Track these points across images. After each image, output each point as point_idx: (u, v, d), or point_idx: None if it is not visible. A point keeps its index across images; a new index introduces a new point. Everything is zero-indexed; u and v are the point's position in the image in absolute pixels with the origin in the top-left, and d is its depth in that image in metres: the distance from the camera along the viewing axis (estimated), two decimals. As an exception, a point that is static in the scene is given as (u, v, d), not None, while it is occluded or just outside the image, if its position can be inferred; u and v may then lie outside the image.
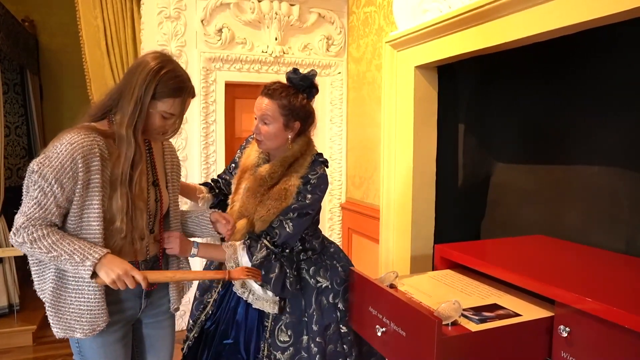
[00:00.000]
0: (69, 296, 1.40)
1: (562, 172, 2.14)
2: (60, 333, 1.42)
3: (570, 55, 2.02)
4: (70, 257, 1.34)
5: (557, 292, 1.40)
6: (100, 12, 3.34)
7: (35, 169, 1.33)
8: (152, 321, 1.65)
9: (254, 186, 1.77)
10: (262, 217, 1.73)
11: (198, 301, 1.99)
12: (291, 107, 1.75)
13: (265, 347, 1.81)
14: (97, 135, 1.40)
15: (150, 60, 1.44)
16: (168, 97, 1.42)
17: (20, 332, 3.24)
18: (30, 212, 1.33)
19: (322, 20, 3.68)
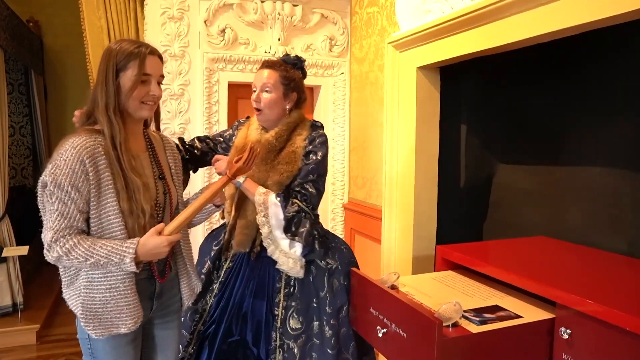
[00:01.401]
0: (104, 297, 1.42)
1: (564, 173, 2.13)
2: (104, 332, 1.43)
3: (573, 55, 2.02)
4: (108, 259, 1.38)
5: (558, 294, 1.40)
6: (104, 12, 3.35)
7: (49, 180, 1.34)
8: (161, 321, 1.66)
9: (263, 153, 1.84)
10: (276, 181, 1.81)
11: (192, 310, 1.97)
12: (290, 79, 1.89)
13: (277, 336, 1.83)
14: (97, 135, 1.42)
15: (108, 45, 1.51)
16: (129, 61, 1.44)
17: (24, 331, 3.27)
18: (56, 225, 1.35)
19: (325, 20, 3.68)
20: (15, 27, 3.94)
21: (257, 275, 1.90)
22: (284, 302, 1.83)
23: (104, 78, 1.43)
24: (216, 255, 2.00)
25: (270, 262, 1.87)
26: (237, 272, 1.93)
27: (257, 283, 1.89)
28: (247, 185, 1.82)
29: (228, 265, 1.96)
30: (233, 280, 1.93)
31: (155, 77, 1.51)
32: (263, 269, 1.90)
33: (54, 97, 5.27)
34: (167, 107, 3.32)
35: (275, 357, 1.81)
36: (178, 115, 3.36)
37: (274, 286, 1.87)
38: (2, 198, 3.36)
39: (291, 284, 1.86)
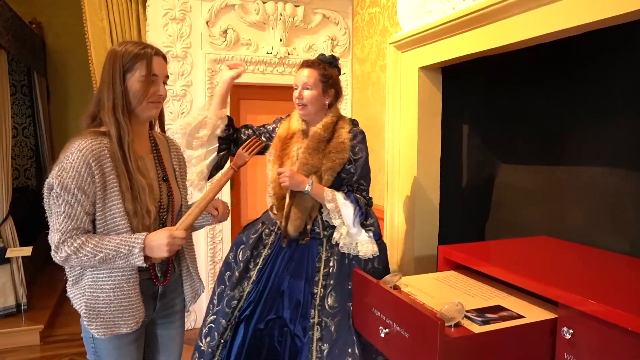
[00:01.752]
0: (108, 296, 1.43)
1: (566, 173, 2.13)
2: (106, 332, 1.45)
3: (574, 56, 2.02)
4: (117, 252, 1.38)
5: (560, 294, 1.40)
6: (106, 13, 3.37)
7: (55, 183, 1.35)
8: (164, 322, 1.67)
9: (314, 144, 2.01)
10: (329, 167, 1.99)
11: (229, 297, 2.04)
12: (328, 76, 2.06)
13: (316, 314, 1.94)
14: (103, 137, 1.42)
15: (112, 47, 1.52)
16: (136, 63, 1.46)
17: (27, 332, 3.28)
18: (63, 227, 1.36)
19: (326, 21, 3.69)
20: (18, 28, 3.96)
21: (297, 257, 2.03)
22: (323, 281, 1.96)
23: (110, 80, 1.44)
24: (254, 243, 2.09)
25: (308, 244, 2.03)
26: (275, 257, 2.05)
27: (296, 264, 2.02)
28: (316, 186, 1.98)
29: (267, 253, 2.07)
30: (271, 264, 2.04)
31: (161, 78, 1.53)
32: (302, 251, 2.03)
33: (57, 98, 5.28)
34: (170, 107, 3.33)
35: (313, 333, 1.93)
36: (180, 116, 3.37)
37: (314, 266, 2.00)
38: (5, 199, 3.37)
39: (330, 265, 1.99)
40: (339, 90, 2.12)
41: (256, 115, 3.74)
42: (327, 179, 2.00)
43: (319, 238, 2.02)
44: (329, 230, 2.01)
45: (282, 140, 2.07)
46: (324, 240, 2.01)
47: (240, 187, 3.77)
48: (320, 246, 2.01)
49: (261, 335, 1.99)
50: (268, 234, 2.08)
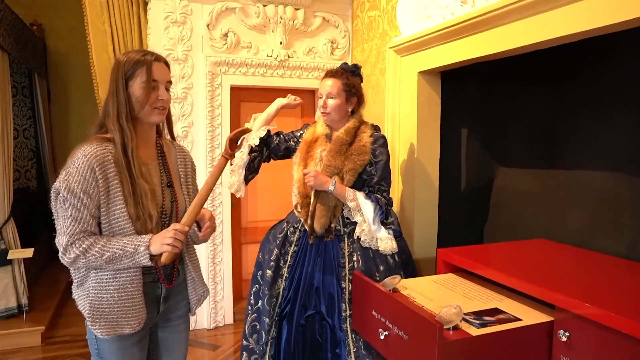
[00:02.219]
0: (112, 297, 1.47)
1: (565, 176, 2.15)
2: (109, 332, 1.47)
3: (573, 60, 2.03)
4: (123, 251, 1.43)
5: (557, 297, 1.42)
6: (108, 17, 3.38)
7: (62, 187, 1.40)
8: (169, 325, 1.69)
9: (336, 147, 2.15)
10: (351, 169, 2.12)
11: (268, 296, 2.18)
12: (350, 85, 2.18)
13: (347, 307, 2.06)
14: (108, 143, 1.47)
15: (118, 56, 1.56)
16: (136, 69, 1.49)
17: (29, 333, 3.29)
18: (70, 230, 1.41)
19: (326, 24, 3.71)
20: (19, 30, 3.97)
21: (323, 253, 2.14)
22: (349, 275, 2.08)
23: (114, 89, 1.50)
24: (281, 242, 2.22)
25: (332, 241, 2.16)
26: (303, 254, 2.17)
27: (324, 260, 2.13)
28: (339, 186, 2.11)
29: (294, 250, 2.19)
30: (301, 261, 2.16)
31: (162, 83, 1.55)
32: (327, 248, 2.14)
33: (57, 100, 5.30)
34: (171, 110, 3.35)
35: (347, 325, 2.05)
36: (181, 118, 3.39)
37: (339, 262, 2.12)
38: (7, 201, 3.39)
39: (354, 259, 2.10)
40: (360, 98, 2.23)
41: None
42: (349, 179, 2.12)
43: (340, 235, 2.14)
44: (350, 227, 2.14)
45: (307, 144, 2.23)
46: (345, 236, 2.14)
47: (241, 189, 3.79)
48: (342, 242, 2.14)
49: (303, 330, 2.13)
50: (293, 231, 2.21)
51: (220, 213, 3.54)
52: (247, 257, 3.89)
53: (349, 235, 2.14)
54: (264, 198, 3.87)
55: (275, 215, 3.61)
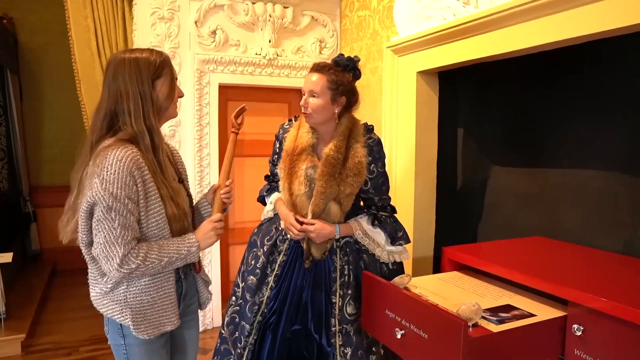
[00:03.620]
0: (152, 299, 1.48)
1: (560, 176, 2.20)
2: (154, 332, 1.48)
3: (569, 61, 2.09)
4: (178, 254, 1.47)
5: (571, 293, 1.45)
6: (91, 11, 3.27)
7: (105, 196, 1.34)
8: (185, 320, 1.69)
9: (328, 169, 1.86)
10: (348, 194, 1.90)
11: (250, 303, 2.04)
12: (338, 82, 1.87)
13: (336, 322, 1.93)
14: (131, 146, 1.42)
15: (122, 56, 1.48)
16: (163, 69, 1.50)
17: (8, 342, 3.13)
18: (124, 239, 1.37)
19: (315, 23, 3.70)
20: (-10, 24, 3.80)
21: (314, 268, 1.98)
22: (340, 291, 1.94)
23: (137, 89, 1.43)
24: (269, 250, 2.05)
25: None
26: (292, 266, 2.01)
27: (314, 275, 1.98)
28: (344, 230, 1.95)
29: (282, 259, 2.02)
30: (290, 273, 2.00)
31: None
32: (318, 262, 1.98)
33: (30, 97, 5.08)
34: (158, 109, 3.27)
35: (336, 341, 1.93)
36: (169, 117, 3.31)
37: (330, 276, 1.97)
38: (-18, 203, 3.24)
39: (345, 273, 1.96)
40: (352, 98, 1.94)
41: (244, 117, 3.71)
42: (347, 204, 1.92)
43: (332, 249, 1.98)
44: (342, 241, 1.98)
45: (289, 155, 1.94)
46: (337, 250, 1.98)
47: (228, 189, 3.73)
48: (334, 256, 1.97)
49: (289, 343, 2.01)
50: (282, 240, 2.04)
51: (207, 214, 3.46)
52: (234, 259, 3.83)
53: (341, 249, 1.98)
54: (251, 198, 3.82)
55: (263, 216, 3.59)
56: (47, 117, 5.16)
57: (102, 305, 1.49)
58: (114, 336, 1.52)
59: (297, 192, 1.91)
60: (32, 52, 5.05)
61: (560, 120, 2.18)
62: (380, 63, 3.08)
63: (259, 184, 3.71)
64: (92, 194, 1.35)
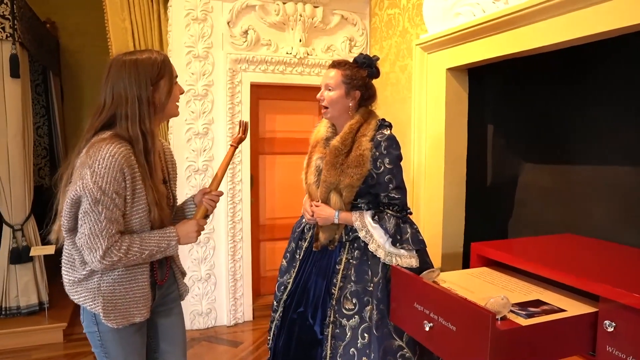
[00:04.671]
0: (124, 289, 1.51)
1: (587, 172, 2.17)
2: (123, 322, 1.51)
3: (596, 56, 2.06)
4: (158, 248, 1.52)
5: (603, 288, 1.44)
6: (128, 14, 3.39)
7: (94, 189, 1.37)
8: (163, 309, 1.73)
9: (331, 158, 1.94)
10: (347, 184, 1.92)
11: (279, 283, 2.19)
12: (352, 77, 1.96)
13: (332, 313, 1.97)
14: (125, 143, 1.45)
15: (122, 59, 1.50)
16: (165, 68, 1.53)
17: (50, 329, 3.30)
18: (106, 231, 1.41)
19: (344, 22, 3.73)
20: (36, 28, 3.97)
21: (323, 257, 2.06)
22: (340, 283, 1.98)
23: (135, 92, 1.46)
24: (298, 236, 2.18)
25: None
26: (309, 252, 2.12)
27: (321, 264, 2.06)
28: (343, 216, 1.96)
29: (305, 246, 2.15)
30: (306, 259, 2.12)
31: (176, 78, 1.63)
32: (328, 252, 2.06)
33: (70, 97, 5.30)
34: (191, 107, 3.37)
35: (329, 331, 1.97)
36: (202, 115, 3.41)
37: (335, 267, 2.02)
38: (28, 198, 3.40)
39: (349, 268, 1.99)
40: (367, 93, 2.01)
41: (275, 115, 3.78)
42: (347, 195, 1.94)
43: (342, 241, 2.03)
44: (352, 235, 2.00)
45: (310, 149, 2.10)
46: (346, 244, 2.02)
47: (259, 186, 3.81)
48: (342, 249, 2.02)
49: (294, 324, 2.08)
50: (309, 229, 2.16)
51: (240, 210, 3.55)
52: (265, 254, 3.91)
53: (350, 243, 2.01)
54: (282, 195, 3.89)
55: (292, 213, 3.64)
56: (86, 117, 5.36)
57: (75, 293, 1.53)
58: (88, 323, 1.55)
59: (309, 180, 2.05)
60: (72, 54, 5.26)
61: (587, 115, 2.15)
62: (409, 61, 3.09)
63: (290, 181, 3.80)
64: (82, 185, 1.38)
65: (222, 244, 3.52)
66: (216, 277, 3.54)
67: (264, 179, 3.83)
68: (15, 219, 3.35)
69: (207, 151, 3.43)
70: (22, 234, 3.36)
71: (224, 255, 3.52)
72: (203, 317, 3.54)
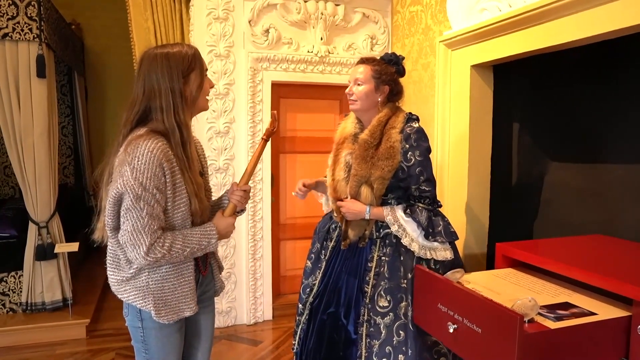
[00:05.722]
0: (172, 285, 1.53)
1: (619, 171, 2.10)
2: (173, 317, 1.54)
3: (628, 52, 1.99)
4: (199, 244, 1.52)
5: (637, 291, 1.38)
6: (151, 14, 3.42)
7: (135, 185, 1.38)
8: (202, 306, 1.72)
9: (361, 152, 1.96)
10: (379, 177, 1.93)
11: (304, 285, 2.19)
12: (382, 72, 1.99)
13: (366, 312, 1.96)
14: (162, 138, 1.45)
15: (154, 52, 1.50)
16: (195, 63, 1.53)
17: (74, 325, 3.35)
18: (149, 228, 1.41)
19: (366, 20, 3.70)
20: (62, 29, 4.05)
21: (353, 256, 2.06)
22: (373, 281, 1.97)
23: (167, 84, 1.47)
24: (324, 236, 2.18)
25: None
26: (337, 251, 2.11)
27: (352, 262, 2.05)
28: (375, 212, 1.97)
29: (332, 245, 2.14)
30: (335, 258, 2.11)
31: None
32: (358, 250, 2.05)
33: (94, 97, 5.40)
34: (213, 106, 3.38)
35: (363, 330, 1.96)
36: (223, 114, 3.42)
37: (366, 265, 2.01)
38: (53, 196, 3.46)
39: (381, 265, 1.98)
40: (395, 88, 2.04)
41: (296, 114, 3.77)
42: (378, 187, 1.95)
43: (372, 238, 2.03)
44: (383, 231, 2.00)
45: (336, 145, 2.09)
46: (377, 240, 2.01)
47: (280, 186, 3.80)
48: (373, 246, 2.02)
49: (324, 325, 2.08)
50: (334, 228, 2.15)
51: (260, 209, 3.55)
52: (285, 254, 3.90)
53: (381, 240, 2.01)
54: (302, 194, 3.88)
55: (313, 212, 3.62)
56: (109, 116, 5.46)
57: (123, 292, 1.53)
58: (132, 318, 1.57)
59: (338, 177, 2.03)
60: (96, 55, 5.36)
61: (619, 113, 2.08)
62: (432, 58, 3.05)
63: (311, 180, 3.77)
64: (123, 182, 1.39)
65: (242, 243, 3.52)
66: (236, 276, 3.55)
67: (284, 178, 3.82)
68: (41, 217, 3.41)
69: (228, 150, 3.44)
70: (47, 231, 3.42)
71: (244, 254, 3.53)
72: (223, 316, 3.55)
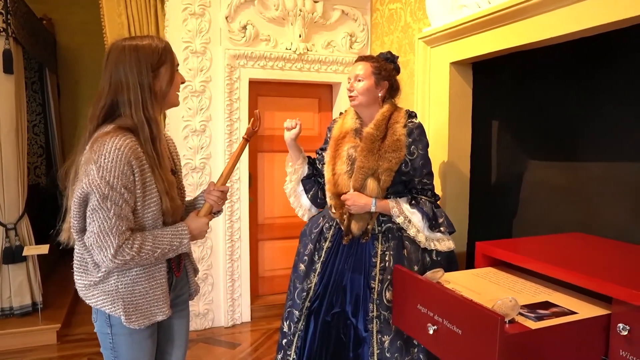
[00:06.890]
0: (144, 289, 1.46)
1: (598, 170, 2.10)
2: (145, 322, 1.47)
3: (606, 51, 1.99)
4: (170, 245, 1.46)
5: (616, 290, 1.37)
6: (125, 9, 3.34)
7: (101, 184, 1.31)
8: (176, 310, 1.66)
9: (368, 145, 2.00)
10: (386, 168, 1.98)
11: (299, 289, 2.15)
12: (381, 68, 2.06)
13: (374, 307, 1.99)
14: (130, 134, 1.39)
15: (122, 44, 1.43)
16: (166, 56, 1.46)
17: (44, 331, 3.23)
18: (117, 229, 1.34)
19: (345, 17, 3.66)
20: (32, 24, 3.91)
21: (355, 252, 2.07)
22: (379, 276, 2.00)
23: (136, 78, 1.40)
24: (316, 237, 2.17)
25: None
26: (336, 250, 2.11)
27: (355, 259, 2.06)
28: (380, 204, 2.01)
29: (328, 246, 2.13)
30: (333, 257, 2.10)
31: None
32: (360, 247, 2.06)
33: (67, 96, 5.25)
34: (189, 104, 3.30)
35: (373, 326, 1.98)
36: (199, 112, 3.34)
37: (370, 261, 2.03)
38: (21, 197, 3.33)
39: (386, 259, 2.01)
40: (394, 85, 2.10)
41: (274, 112, 3.71)
42: (385, 179, 1.99)
43: (374, 233, 2.06)
44: (385, 226, 2.04)
45: (336, 141, 2.11)
46: (379, 235, 2.05)
47: (258, 185, 3.74)
48: (376, 241, 2.05)
49: (329, 327, 2.08)
50: (328, 228, 2.15)
51: (238, 209, 3.48)
52: (263, 254, 3.83)
53: (383, 234, 2.05)
54: (281, 194, 3.81)
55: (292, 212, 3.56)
56: (83, 115, 5.29)
57: (91, 297, 1.45)
58: (101, 324, 1.49)
59: (339, 170, 2.04)
60: (70, 52, 5.22)
61: (596, 111, 2.08)
62: (411, 56, 3.02)
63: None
64: (89, 182, 1.31)
65: (219, 243, 3.45)
66: (214, 277, 3.47)
67: (262, 177, 3.76)
68: (9, 218, 3.29)
69: (204, 149, 3.37)
70: (16, 233, 3.30)
71: (222, 255, 3.45)
72: (200, 318, 3.47)
